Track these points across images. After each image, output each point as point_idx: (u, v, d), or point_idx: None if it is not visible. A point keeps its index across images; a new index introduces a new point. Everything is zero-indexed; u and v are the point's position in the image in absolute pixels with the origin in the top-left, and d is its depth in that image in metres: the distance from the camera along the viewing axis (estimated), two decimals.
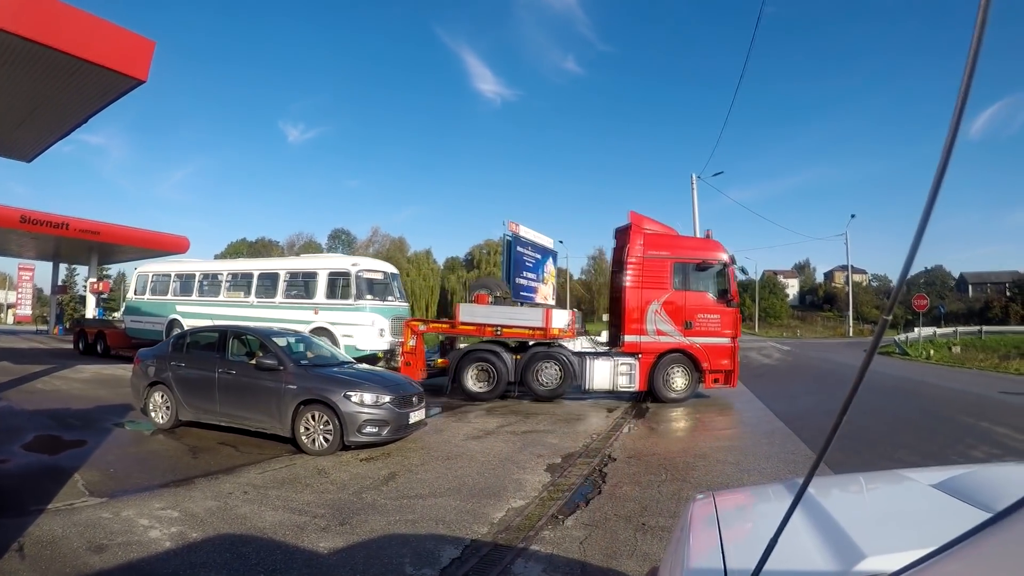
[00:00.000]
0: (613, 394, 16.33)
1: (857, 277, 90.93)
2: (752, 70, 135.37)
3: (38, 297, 62.00)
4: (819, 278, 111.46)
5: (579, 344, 16.27)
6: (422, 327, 16.88)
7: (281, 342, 10.46)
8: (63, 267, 55.83)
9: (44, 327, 53.09)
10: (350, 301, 18.30)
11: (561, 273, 60.15)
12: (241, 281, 21.54)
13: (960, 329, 50.80)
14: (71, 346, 27.01)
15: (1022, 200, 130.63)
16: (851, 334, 65.89)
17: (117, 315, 26.39)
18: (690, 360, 15.87)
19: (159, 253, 41.68)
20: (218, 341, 10.68)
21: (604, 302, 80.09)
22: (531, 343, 16.07)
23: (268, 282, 20.49)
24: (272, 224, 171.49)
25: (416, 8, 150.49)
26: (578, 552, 5.47)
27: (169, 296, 23.17)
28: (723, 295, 16.05)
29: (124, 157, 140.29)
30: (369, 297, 18.61)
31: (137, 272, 24.95)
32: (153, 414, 10.73)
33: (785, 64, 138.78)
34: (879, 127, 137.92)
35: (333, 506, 6.72)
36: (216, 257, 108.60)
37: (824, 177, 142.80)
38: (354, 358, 16.09)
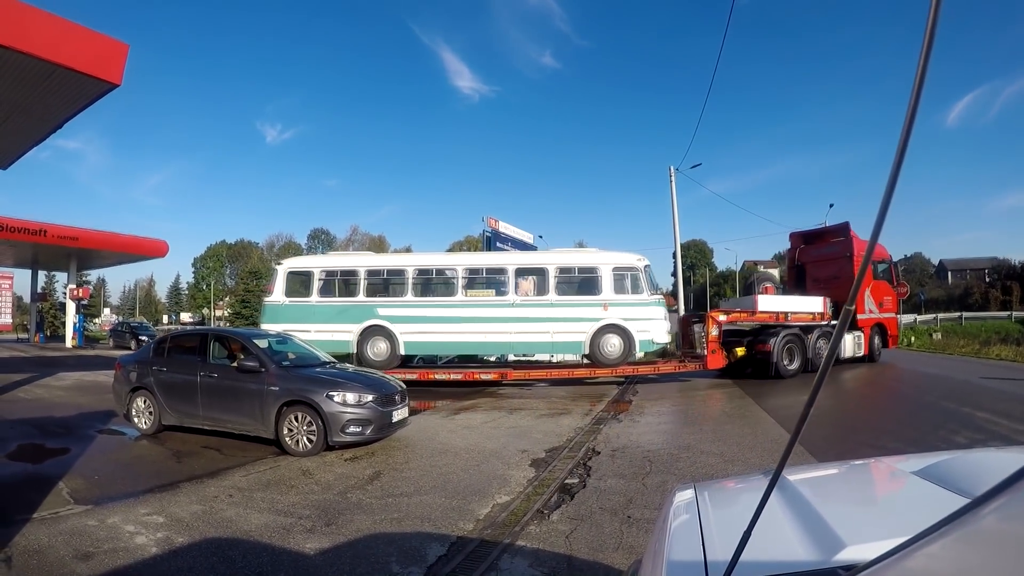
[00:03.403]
0: (845, 360, 20.16)
1: None
2: (729, 61, 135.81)
3: (18, 305, 61.22)
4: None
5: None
6: (723, 317, 18.30)
7: (262, 343, 10.42)
8: (42, 274, 55.20)
9: (25, 335, 52.61)
10: (643, 296, 17.52)
11: None
12: (487, 278, 18.63)
13: (940, 316, 51.40)
14: (58, 353, 26.33)
15: (1000, 187, 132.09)
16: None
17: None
18: (882, 330, 21.93)
19: (138, 258, 41.46)
20: (199, 344, 10.63)
21: None
22: (814, 325, 19.41)
23: (532, 279, 18.12)
24: (251, 225, 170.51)
25: (392, 5, 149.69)
26: (564, 546, 5.50)
27: (361, 297, 18.32)
28: (890, 282, 22.24)
29: (101, 162, 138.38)
30: (659, 292, 18.37)
31: (288, 268, 19.31)
32: (136, 419, 10.67)
33: (763, 54, 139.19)
34: (857, 116, 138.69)
35: (319, 507, 6.72)
36: (196, 260, 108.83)
37: (803, 167, 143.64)
38: (646, 352, 18.20)
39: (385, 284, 18.94)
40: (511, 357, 20.04)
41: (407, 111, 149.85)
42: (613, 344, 17.21)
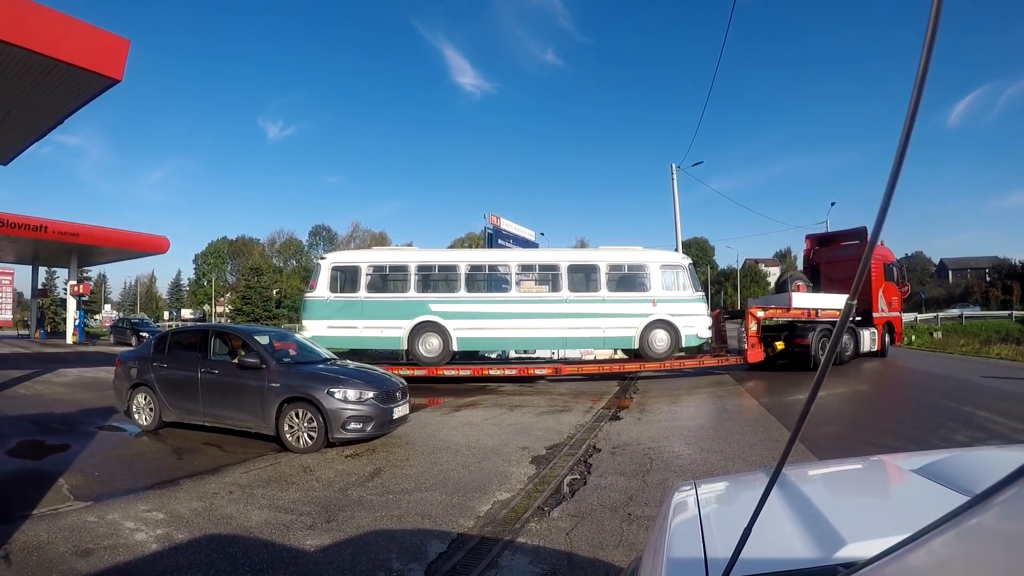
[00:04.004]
0: (864, 354, 21.69)
1: None
2: (731, 59, 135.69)
3: (18, 301, 61.22)
4: (800, 266, 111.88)
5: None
6: (760, 313, 19.09)
7: (263, 340, 10.42)
8: (42, 270, 55.24)
9: (25, 331, 52.68)
10: (688, 293, 18.41)
11: None
12: (541, 274, 18.60)
13: (941, 315, 51.37)
14: (58, 350, 26.35)
15: (1001, 186, 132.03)
16: None
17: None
18: (890, 328, 23.56)
19: (139, 254, 41.51)
20: (200, 341, 10.62)
21: None
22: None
23: (584, 275, 18.45)
24: (252, 222, 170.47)
25: (395, 1, 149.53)
26: (565, 543, 5.50)
27: (412, 293, 18.00)
28: (896, 283, 23.82)
29: (102, 158, 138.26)
30: (700, 289, 19.18)
31: (332, 263, 18.54)
32: (137, 416, 10.67)
33: (765, 53, 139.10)
34: (859, 115, 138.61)
35: (319, 503, 6.72)
36: (197, 256, 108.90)
37: (804, 166, 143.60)
38: (689, 347, 18.89)
39: (436, 280, 18.66)
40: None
41: (409, 108, 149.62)
42: (661, 339, 17.83)
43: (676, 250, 28.53)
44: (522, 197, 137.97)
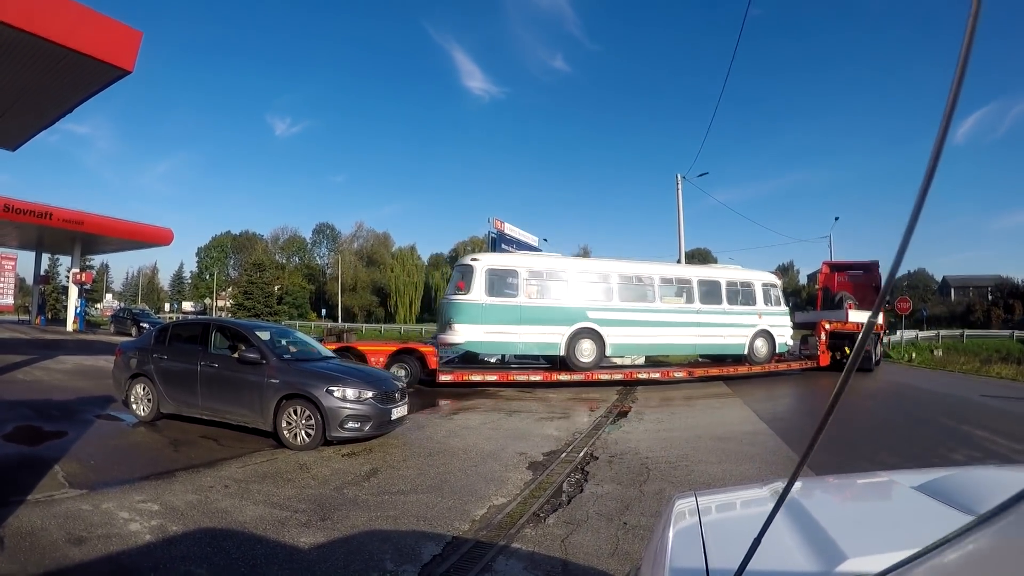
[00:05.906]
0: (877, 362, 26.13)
1: None
2: (739, 72, 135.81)
3: (20, 287, 61.25)
4: (803, 280, 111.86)
5: None
6: (828, 326, 23.04)
7: (264, 336, 10.40)
8: (45, 257, 55.19)
9: (26, 317, 52.74)
10: (781, 307, 21.99)
11: None
12: (677, 287, 20.24)
13: (942, 332, 51.22)
14: (58, 337, 26.22)
15: (1005, 205, 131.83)
16: None
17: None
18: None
19: (143, 245, 41.51)
20: (201, 334, 10.61)
21: None
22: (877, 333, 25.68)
23: (710, 289, 20.38)
24: (256, 217, 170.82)
25: (405, 3, 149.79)
26: (560, 550, 5.48)
27: (571, 300, 18.24)
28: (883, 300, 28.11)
29: (109, 147, 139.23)
30: (787, 304, 22.94)
31: (487, 266, 17.86)
32: (135, 406, 10.66)
33: (772, 66, 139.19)
34: (864, 129, 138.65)
35: (314, 501, 6.70)
36: (200, 249, 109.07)
37: (809, 179, 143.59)
38: (780, 353, 21.92)
39: (591, 288, 18.92)
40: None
41: (417, 110, 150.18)
42: (761, 346, 20.90)
43: (679, 260, 29.12)
44: (526, 202, 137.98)
